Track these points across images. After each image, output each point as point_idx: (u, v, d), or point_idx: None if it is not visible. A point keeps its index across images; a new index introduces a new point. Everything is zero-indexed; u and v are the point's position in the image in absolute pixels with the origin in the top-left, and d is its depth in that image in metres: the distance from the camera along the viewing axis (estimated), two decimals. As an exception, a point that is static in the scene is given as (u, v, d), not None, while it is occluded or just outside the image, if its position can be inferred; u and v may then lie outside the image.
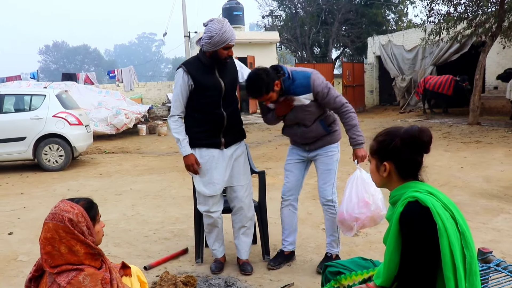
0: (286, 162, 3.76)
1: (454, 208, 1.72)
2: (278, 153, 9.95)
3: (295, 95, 3.34)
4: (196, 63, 3.36)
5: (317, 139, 3.54)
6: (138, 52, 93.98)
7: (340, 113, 3.43)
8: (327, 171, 3.55)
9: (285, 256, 3.79)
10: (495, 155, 8.39)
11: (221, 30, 3.17)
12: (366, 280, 2.01)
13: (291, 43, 28.46)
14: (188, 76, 3.30)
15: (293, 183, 3.70)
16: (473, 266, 1.65)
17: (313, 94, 3.33)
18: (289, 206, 3.75)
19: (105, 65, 63.98)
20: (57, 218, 1.96)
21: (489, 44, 12.36)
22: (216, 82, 3.32)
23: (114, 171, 8.63)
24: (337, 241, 3.66)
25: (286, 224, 3.78)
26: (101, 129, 13.31)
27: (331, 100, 3.36)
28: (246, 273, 3.55)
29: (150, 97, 19.74)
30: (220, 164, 3.44)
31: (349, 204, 3.05)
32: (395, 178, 1.85)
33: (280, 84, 3.31)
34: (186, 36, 21.69)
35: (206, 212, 3.53)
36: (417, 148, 1.78)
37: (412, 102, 18.27)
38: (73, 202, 2.04)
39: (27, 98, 9.18)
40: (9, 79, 18.34)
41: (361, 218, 2.98)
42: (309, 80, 3.32)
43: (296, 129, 3.54)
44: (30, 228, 4.92)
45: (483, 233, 4.33)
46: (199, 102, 3.35)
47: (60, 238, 1.94)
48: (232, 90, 3.47)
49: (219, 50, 3.24)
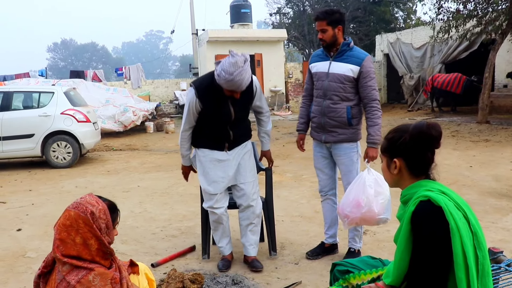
0: (314, 162, 3.86)
1: (466, 208, 1.69)
2: (285, 151, 9.93)
3: (345, 62, 3.47)
4: (210, 87, 3.28)
5: (336, 127, 3.56)
6: (146, 49, 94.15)
7: (368, 107, 3.50)
8: (349, 172, 3.62)
9: (325, 248, 3.86)
10: (504, 154, 8.32)
11: (229, 78, 3.07)
12: (375, 279, 1.99)
13: (298, 41, 28.38)
14: (198, 101, 3.30)
15: (326, 181, 3.81)
16: (485, 266, 1.63)
17: (359, 70, 3.44)
18: (328, 200, 3.85)
19: (113, 63, 64.19)
20: (81, 208, 1.97)
21: (499, 42, 12.24)
22: (227, 111, 3.33)
23: (122, 168, 8.66)
24: (359, 236, 3.73)
25: (327, 218, 3.88)
26: (109, 126, 13.37)
27: (369, 88, 3.47)
28: (257, 270, 3.54)
29: (158, 94, 19.76)
30: (224, 163, 3.48)
31: (345, 200, 3.12)
32: (406, 175, 1.83)
33: (340, 34, 3.48)
34: (193, 33, 21.73)
35: (210, 208, 3.53)
36: (426, 143, 1.77)
37: (420, 100, 18.15)
38: (100, 199, 2.06)
39: (35, 95, 9.23)
40: (18, 76, 18.46)
41: (351, 216, 3.04)
42: (364, 56, 3.49)
43: (321, 102, 3.59)
44: (38, 225, 4.94)
45: (493, 232, 4.29)
46: (207, 123, 3.42)
47: (78, 228, 1.95)
48: (244, 113, 3.50)
49: (224, 89, 3.22)
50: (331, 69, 3.53)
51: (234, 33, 19.07)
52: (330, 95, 3.53)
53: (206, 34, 18.61)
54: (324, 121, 3.60)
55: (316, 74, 3.64)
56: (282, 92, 19.40)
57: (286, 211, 5.24)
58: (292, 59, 33.52)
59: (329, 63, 3.55)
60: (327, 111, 3.56)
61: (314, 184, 6.61)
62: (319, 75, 3.61)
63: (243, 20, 20.05)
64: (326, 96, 3.55)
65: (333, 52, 3.56)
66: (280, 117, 16.93)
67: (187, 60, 44.71)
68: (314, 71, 3.68)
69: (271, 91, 19.14)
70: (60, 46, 73.32)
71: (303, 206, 5.45)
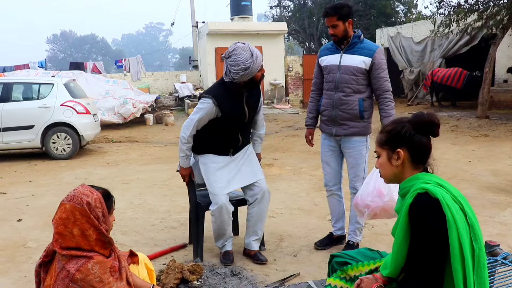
0: (321, 155, 3.87)
1: (463, 201, 1.71)
2: (285, 144, 9.94)
3: (357, 54, 3.49)
4: (225, 93, 3.37)
5: (347, 119, 3.58)
6: (146, 41, 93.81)
7: (382, 98, 3.53)
8: (357, 165, 3.65)
9: (333, 239, 3.93)
10: (503, 149, 8.34)
11: (253, 57, 3.24)
12: (373, 270, 2.01)
13: (299, 34, 28.31)
14: (217, 108, 3.34)
15: (331, 175, 3.82)
16: (481, 258, 1.65)
17: (371, 62, 3.47)
18: (333, 195, 3.88)
19: (113, 55, 63.99)
20: (76, 200, 1.98)
21: (500, 37, 12.21)
22: (242, 110, 3.44)
23: (121, 160, 8.67)
24: (360, 229, 3.78)
25: (333, 212, 3.94)
26: (109, 118, 13.36)
27: (381, 79, 3.51)
28: (262, 262, 3.57)
29: (157, 86, 19.72)
30: (228, 166, 3.53)
31: (365, 191, 3.09)
32: (407, 167, 1.84)
33: (350, 28, 3.49)
34: (193, 26, 21.64)
35: (219, 208, 3.42)
36: (429, 130, 1.79)
37: (420, 95, 18.13)
38: (93, 188, 2.07)
39: (35, 87, 9.23)
40: (17, 67, 18.44)
41: (372, 206, 3.00)
42: (376, 48, 3.52)
43: (333, 95, 3.61)
44: (39, 215, 4.97)
45: (490, 226, 4.32)
46: (220, 127, 3.42)
47: (74, 220, 1.96)
48: (254, 115, 3.62)
49: (255, 75, 3.32)
50: (342, 62, 3.55)
51: (234, 25, 19.01)
52: (342, 87, 3.55)
53: (206, 27, 18.54)
54: (336, 114, 3.62)
55: (327, 67, 3.65)
56: (282, 86, 19.37)
57: (285, 204, 5.26)
58: (292, 52, 33.45)
59: (340, 56, 3.57)
60: (338, 103, 3.58)
61: (314, 177, 6.64)
62: (330, 68, 3.62)
63: (243, 13, 19.97)
64: (338, 89, 3.57)
65: (344, 45, 3.57)
66: (280, 111, 16.92)
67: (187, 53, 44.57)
68: (324, 64, 3.69)
69: (271, 84, 19.10)
70: (59, 37, 73.00)
71: (302, 199, 5.48)
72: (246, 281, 3.25)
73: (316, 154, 8.35)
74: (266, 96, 19.06)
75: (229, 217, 3.50)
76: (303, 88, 20.02)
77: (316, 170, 7.14)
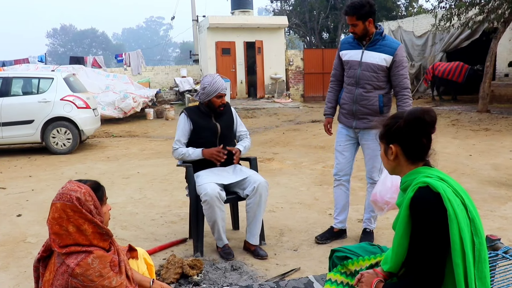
0: (336, 144, 3.90)
1: (464, 195, 1.70)
2: (285, 138, 9.93)
3: (378, 51, 3.54)
4: (196, 110, 3.80)
5: (368, 114, 3.63)
6: (146, 36, 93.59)
7: (400, 95, 3.60)
8: (375, 157, 3.69)
9: (334, 233, 3.93)
10: (504, 143, 8.32)
11: (212, 82, 3.64)
12: (374, 265, 2.00)
13: (299, 28, 28.21)
14: (188, 120, 3.73)
15: (343, 165, 3.85)
16: (482, 253, 1.64)
17: (392, 59, 3.52)
18: (341, 186, 3.90)
19: (113, 49, 63.82)
20: (65, 197, 1.96)
21: (501, 31, 12.16)
22: (212, 125, 3.75)
23: (122, 154, 8.66)
24: (375, 217, 3.85)
25: (338, 203, 3.94)
26: (109, 113, 13.35)
27: (401, 76, 3.56)
28: (263, 258, 3.56)
29: (158, 81, 19.69)
30: (217, 170, 3.70)
31: (383, 187, 3.09)
32: (403, 161, 1.83)
33: (371, 25, 3.50)
34: (194, 20, 21.58)
35: (203, 183, 3.51)
36: (421, 128, 1.77)
37: (421, 89, 18.10)
38: (80, 182, 2.05)
39: (35, 81, 9.20)
40: (17, 62, 18.38)
41: (392, 202, 3.01)
42: (397, 45, 3.56)
43: (353, 90, 3.66)
44: (38, 210, 4.96)
45: (491, 220, 4.31)
46: (197, 142, 3.72)
47: (68, 218, 1.94)
48: (228, 132, 3.85)
49: (212, 99, 3.67)
50: (364, 58, 3.59)
51: (235, 19, 18.95)
52: (363, 83, 3.61)
53: (206, 21, 18.48)
54: (356, 109, 3.68)
55: (348, 62, 3.69)
56: (282, 80, 19.33)
57: (285, 198, 5.25)
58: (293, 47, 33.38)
59: (361, 52, 3.61)
60: (359, 99, 3.65)
61: (314, 171, 6.63)
62: (351, 64, 3.66)
63: (244, 7, 19.91)
64: (359, 85, 3.63)
65: (365, 42, 3.60)
66: (280, 105, 16.89)
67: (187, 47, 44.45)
68: (345, 58, 3.72)
69: (272, 78, 19.07)
70: (59, 32, 72.83)
71: (303, 193, 5.47)
72: (246, 276, 3.25)
73: (316, 148, 8.36)
74: (267, 90, 19.03)
75: (219, 202, 3.45)
76: (304, 82, 19.98)
77: (316, 164, 7.13)
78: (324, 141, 8.92)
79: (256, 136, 10.47)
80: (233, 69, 18.58)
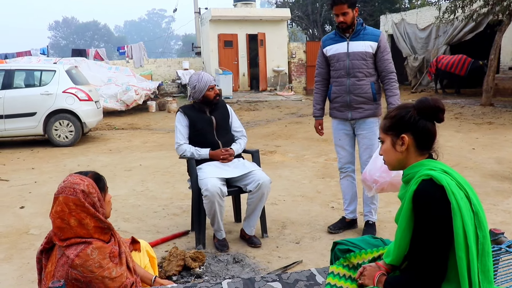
0: (335, 140, 3.98)
1: (468, 188, 1.68)
2: (288, 131, 9.91)
3: (363, 40, 3.66)
4: (191, 107, 3.92)
5: (362, 103, 3.71)
6: (148, 28, 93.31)
7: (387, 79, 3.71)
8: (371, 146, 3.76)
9: (346, 223, 4.00)
10: (507, 137, 8.29)
11: (199, 78, 3.77)
12: (376, 258, 1.99)
13: (302, 21, 28.07)
14: (184, 116, 3.84)
15: (346, 158, 3.93)
16: (485, 246, 1.62)
17: (377, 45, 3.66)
18: (347, 177, 3.97)
19: (115, 41, 63.63)
20: (68, 191, 1.96)
21: (506, 23, 12.05)
22: (207, 118, 3.85)
23: (124, 147, 8.67)
24: (375, 209, 3.90)
25: (346, 194, 4.00)
26: (111, 105, 13.34)
27: (386, 61, 3.69)
28: (255, 246, 3.63)
29: (160, 73, 19.66)
30: (220, 164, 3.72)
31: (373, 166, 3.11)
32: (412, 152, 1.80)
33: (356, 15, 3.64)
34: (196, 12, 21.51)
35: (205, 178, 3.52)
36: (434, 115, 1.77)
37: (424, 82, 18.01)
38: (81, 175, 2.05)
39: (37, 74, 9.20)
40: (19, 54, 18.38)
41: (380, 181, 3.03)
42: (379, 33, 3.72)
43: (345, 81, 3.73)
44: (41, 202, 4.97)
45: (494, 214, 4.30)
46: (195, 134, 3.79)
47: (70, 211, 1.95)
48: (224, 124, 3.92)
49: (206, 94, 3.77)
50: (350, 49, 3.68)
51: (237, 12, 18.86)
52: (354, 73, 3.69)
53: (209, 13, 18.40)
54: (350, 99, 3.73)
55: (335, 56, 3.76)
56: (285, 72, 19.27)
57: (288, 191, 5.25)
58: (296, 39, 33.23)
59: (346, 44, 3.70)
60: (352, 88, 3.71)
61: (316, 164, 6.62)
62: (338, 56, 3.74)
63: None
64: (350, 75, 3.70)
65: (348, 33, 3.69)
66: (283, 97, 16.84)
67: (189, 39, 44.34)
68: (331, 53, 3.78)
69: (274, 71, 19.01)
70: (61, 24, 72.64)
71: (305, 186, 5.46)
72: (248, 268, 3.26)
73: (319, 141, 8.33)
74: (269, 83, 18.98)
75: (220, 198, 3.45)
76: (306, 75, 19.92)
77: (319, 157, 7.11)
78: (327, 134, 8.86)
79: (258, 129, 10.45)
80: (236, 62, 18.52)
